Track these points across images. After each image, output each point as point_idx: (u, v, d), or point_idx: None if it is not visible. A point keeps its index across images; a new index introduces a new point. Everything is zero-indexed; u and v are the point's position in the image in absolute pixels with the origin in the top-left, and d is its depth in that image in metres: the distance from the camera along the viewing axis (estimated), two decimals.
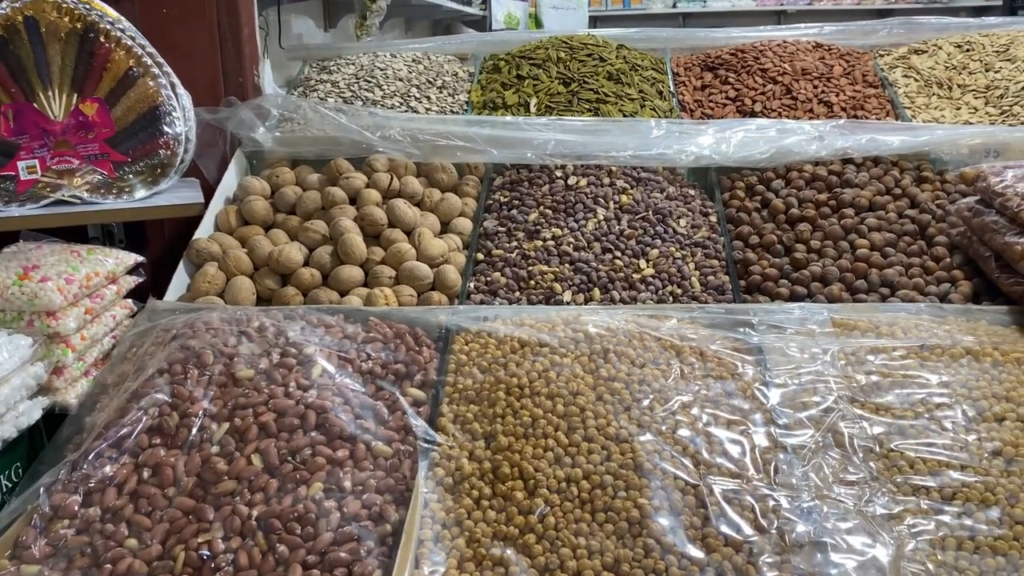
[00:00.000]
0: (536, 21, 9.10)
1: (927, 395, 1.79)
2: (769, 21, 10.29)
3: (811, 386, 1.83)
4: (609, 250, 2.39)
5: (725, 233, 2.52)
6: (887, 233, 2.39)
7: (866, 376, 1.85)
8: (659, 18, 10.48)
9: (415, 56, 3.39)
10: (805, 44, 3.28)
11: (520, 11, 9.10)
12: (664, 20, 10.44)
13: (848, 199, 2.50)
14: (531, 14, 9.08)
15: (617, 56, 3.20)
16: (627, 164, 2.68)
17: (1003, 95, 3.03)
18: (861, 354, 1.91)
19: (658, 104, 3.08)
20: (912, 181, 2.60)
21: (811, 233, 2.42)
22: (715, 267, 2.39)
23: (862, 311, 2.07)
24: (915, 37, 3.43)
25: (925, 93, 3.15)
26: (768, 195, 2.59)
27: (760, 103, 3.05)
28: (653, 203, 2.54)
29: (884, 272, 2.26)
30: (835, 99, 3.03)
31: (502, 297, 2.33)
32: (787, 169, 2.67)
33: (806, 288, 2.27)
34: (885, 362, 1.88)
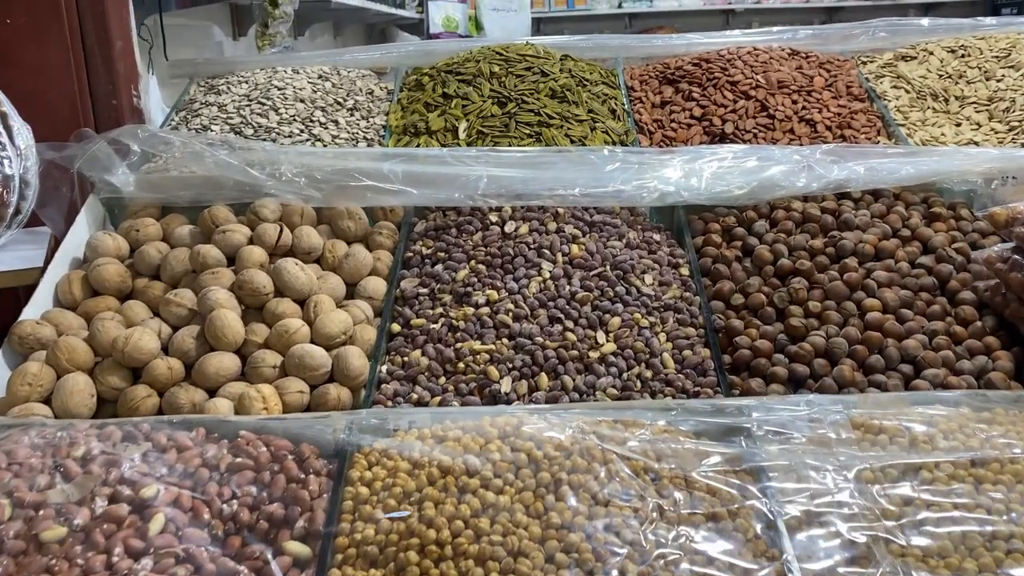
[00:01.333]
0: (476, 24, 8.57)
1: (990, 535, 1.32)
2: (717, 21, 9.95)
3: (833, 525, 1.35)
4: (558, 319, 1.88)
5: (701, 291, 2.03)
6: (901, 289, 1.93)
7: (904, 508, 1.37)
8: (604, 19, 10.06)
9: (322, 71, 2.84)
10: (779, 51, 2.82)
11: (459, 14, 8.56)
12: (610, 21, 10.03)
13: (849, 245, 2.03)
14: (471, 16, 8.55)
15: (562, 69, 2.70)
16: (577, 204, 2.18)
17: (1009, 108, 2.61)
18: (895, 472, 1.43)
19: (611, 126, 2.59)
20: (921, 219, 2.15)
21: (808, 291, 1.94)
22: (691, 338, 1.90)
23: (887, 405, 1.60)
24: (901, 41, 3.00)
25: (919, 107, 2.71)
26: (750, 240, 2.11)
27: (731, 123, 2.57)
28: (611, 254, 2.04)
29: (904, 344, 1.79)
30: (818, 116, 2.58)
31: (423, 386, 1.81)
32: (771, 207, 2.19)
33: (808, 367, 1.79)
34: (928, 487, 1.40)
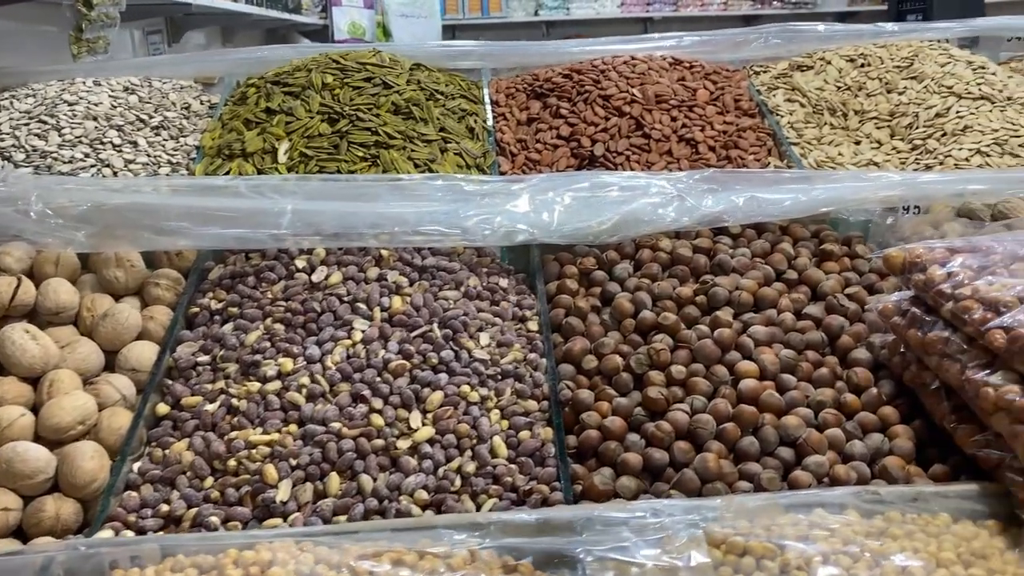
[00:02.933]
0: (384, 31, 8.15)
1: None
2: (635, 29, 9.75)
3: None
4: (363, 399, 1.49)
5: (549, 351, 1.67)
6: (783, 348, 1.60)
7: None
8: (521, 27, 9.76)
9: (130, 83, 2.40)
10: (661, 61, 2.49)
11: (366, 20, 8.14)
12: (526, 29, 9.73)
13: (723, 294, 1.69)
14: (379, 23, 8.12)
15: (410, 80, 2.32)
16: (407, 244, 1.80)
17: (912, 124, 2.33)
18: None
19: (467, 146, 2.22)
20: (811, 257, 1.83)
21: (673, 352, 1.60)
22: (532, 414, 1.54)
23: (755, 512, 1.25)
24: (797, 49, 2.70)
25: (815, 122, 2.42)
26: (611, 287, 1.76)
27: (602, 143, 2.23)
28: (441, 308, 1.66)
29: (784, 422, 1.45)
30: (700, 135, 2.25)
31: (183, 493, 1.40)
32: (637, 246, 1.85)
33: (667, 453, 1.44)
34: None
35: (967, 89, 2.35)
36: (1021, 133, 2.21)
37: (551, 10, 10.05)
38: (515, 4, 10.12)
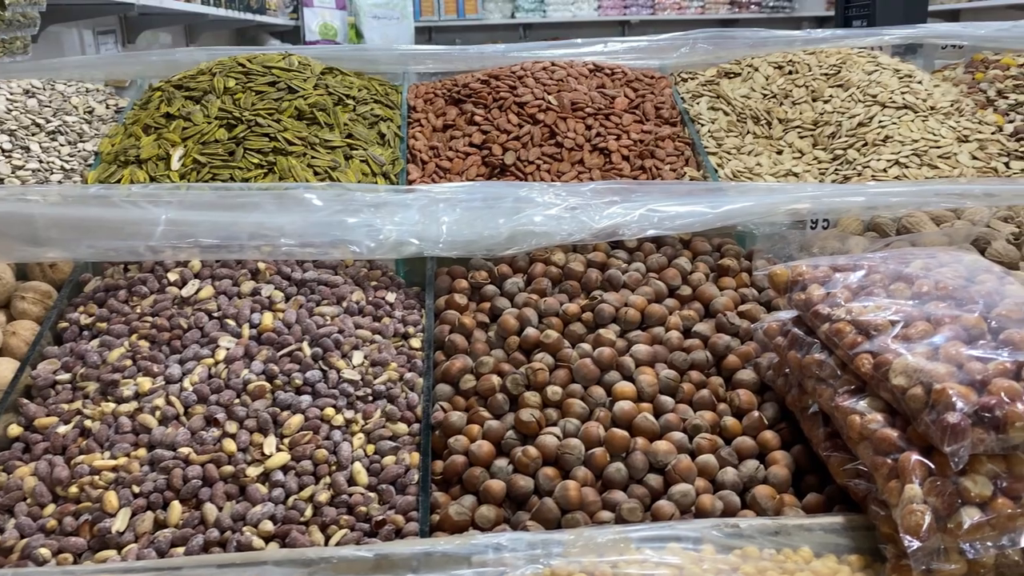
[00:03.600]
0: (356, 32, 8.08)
1: None
2: (613, 32, 9.70)
3: None
4: (216, 423, 1.42)
5: (429, 371, 1.60)
6: (666, 368, 1.54)
7: None
8: (498, 29, 9.70)
9: (31, 86, 2.32)
10: (581, 68, 2.42)
11: (338, 21, 8.06)
12: (503, 31, 9.68)
13: (609, 311, 1.63)
14: (351, 24, 8.04)
15: (318, 85, 2.25)
16: (289, 257, 1.73)
17: (835, 133, 2.27)
18: None
19: (375, 153, 2.15)
20: (709, 273, 1.77)
21: (553, 371, 1.53)
22: (401, 437, 1.47)
23: (604, 548, 1.19)
24: (728, 55, 2.65)
25: (737, 131, 2.36)
26: (500, 302, 1.70)
27: (513, 152, 2.16)
28: (314, 324, 1.59)
29: (654, 447, 1.39)
30: (614, 145, 2.19)
31: (19, 522, 1.32)
32: (532, 260, 1.78)
33: (532, 480, 1.37)
34: None
35: (891, 98, 2.29)
36: (942, 144, 2.16)
37: (528, 12, 10.01)
38: (492, 6, 10.07)
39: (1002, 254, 1.63)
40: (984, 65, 2.59)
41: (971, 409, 1.07)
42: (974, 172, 2.11)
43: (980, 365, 1.12)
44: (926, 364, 1.14)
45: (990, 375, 1.11)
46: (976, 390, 1.10)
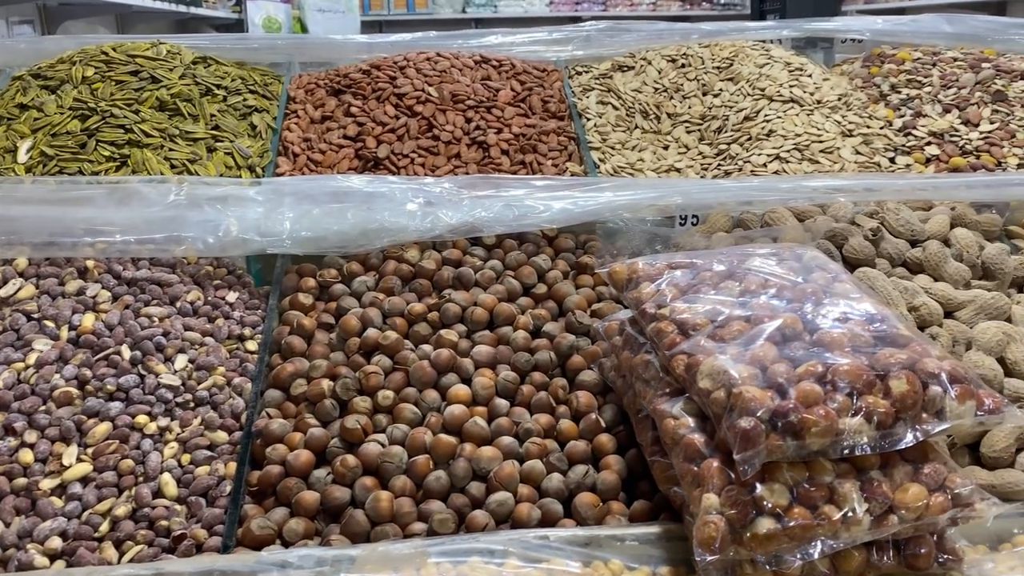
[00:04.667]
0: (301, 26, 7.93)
1: None
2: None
3: None
4: (14, 431, 1.33)
5: (259, 375, 1.52)
6: (507, 370, 1.47)
7: None
8: (448, 23, 9.61)
9: None
10: (466, 59, 2.35)
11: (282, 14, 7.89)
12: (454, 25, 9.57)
13: (455, 310, 1.56)
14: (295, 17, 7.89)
15: (185, 75, 2.15)
16: (124, 254, 1.64)
17: (721, 128, 2.22)
18: None
19: (244, 146, 2.06)
20: (567, 272, 1.71)
21: (387, 376, 1.46)
22: (220, 447, 1.39)
23: (399, 563, 1.12)
24: (625, 48, 2.59)
25: (625, 126, 2.30)
26: (348, 302, 1.62)
27: (387, 145, 2.09)
28: (138, 326, 1.50)
29: (479, 453, 1.32)
30: (494, 138, 2.12)
31: None
32: (385, 258, 1.71)
33: (349, 491, 1.30)
34: None
35: (778, 92, 2.25)
36: (824, 138, 2.12)
37: (479, 7, 9.94)
38: (442, 0, 9.98)
39: (858, 251, 1.59)
40: (881, 59, 2.57)
41: (766, 414, 1.01)
42: (856, 167, 2.08)
43: (784, 368, 1.07)
44: (731, 366, 1.08)
45: (793, 378, 1.06)
46: (776, 394, 1.04)
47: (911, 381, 1.05)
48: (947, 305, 1.50)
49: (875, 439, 1.02)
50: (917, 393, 1.04)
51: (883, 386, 1.05)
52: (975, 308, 1.49)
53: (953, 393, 1.05)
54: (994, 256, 1.61)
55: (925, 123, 2.25)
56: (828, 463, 1.04)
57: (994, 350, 1.39)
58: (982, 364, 1.36)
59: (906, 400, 1.04)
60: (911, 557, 1.07)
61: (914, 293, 1.49)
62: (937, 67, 2.47)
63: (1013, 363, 1.39)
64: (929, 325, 1.46)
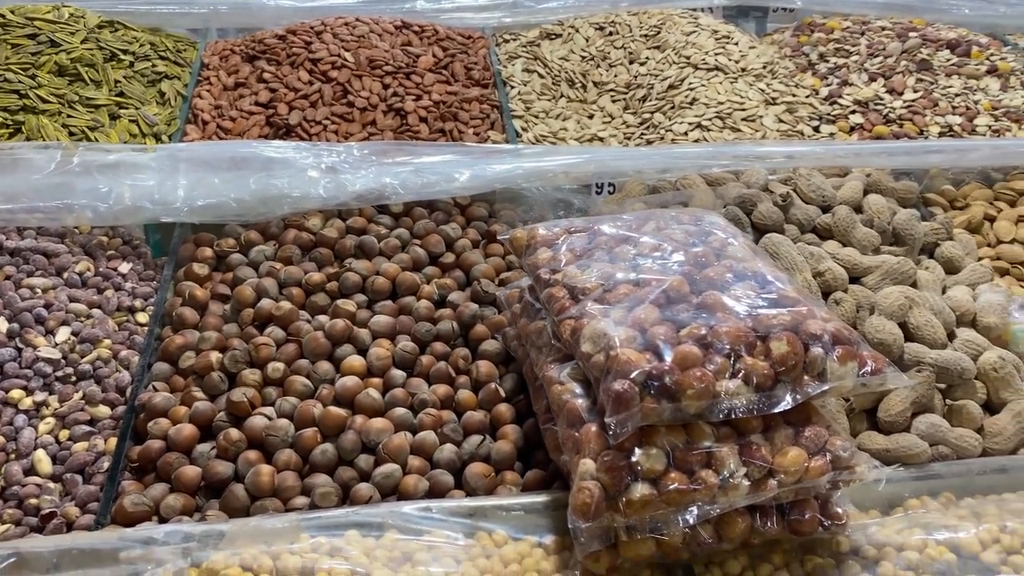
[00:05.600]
0: None
1: None
2: None
3: None
4: None
5: (148, 348, 1.46)
6: (405, 340, 1.43)
7: None
8: None
9: None
10: (387, 24, 2.28)
11: None
12: None
13: (355, 279, 1.51)
14: None
15: (88, 39, 2.06)
16: (9, 224, 1.56)
17: (646, 96, 2.19)
18: None
19: (150, 113, 1.98)
20: (478, 241, 1.66)
21: (279, 347, 1.41)
22: (101, 422, 1.33)
23: (273, 536, 1.07)
24: (553, 15, 2.53)
25: (551, 94, 2.25)
26: (244, 272, 1.56)
27: (299, 112, 2.02)
28: (18, 298, 1.43)
29: (368, 425, 1.28)
30: (412, 105, 2.06)
31: None
32: (285, 225, 1.65)
33: (233, 464, 1.25)
34: None
35: (704, 59, 2.22)
36: (747, 106, 2.10)
37: None
38: None
39: (766, 216, 1.56)
40: (811, 28, 2.55)
41: (640, 377, 0.98)
42: (778, 135, 2.06)
43: (665, 330, 1.04)
44: (611, 329, 1.05)
45: (672, 340, 1.03)
46: (654, 356, 1.01)
47: (792, 342, 1.02)
48: (853, 270, 1.48)
49: (754, 401, 1.00)
50: (798, 354, 1.02)
51: (764, 347, 1.03)
52: (881, 273, 1.47)
53: (835, 354, 1.03)
54: (904, 222, 1.60)
55: (851, 92, 2.23)
56: (707, 427, 1.02)
57: (896, 314, 1.38)
58: (882, 328, 1.34)
59: (786, 361, 1.01)
60: (795, 522, 1.05)
61: (819, 258, 1.48)
62: (865, 36, 2.45)
63: (915, 328, 1.38)
64: (834, 290, 1.44)
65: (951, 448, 1.24)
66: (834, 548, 1.08)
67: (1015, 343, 1.43)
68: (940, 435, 1.25)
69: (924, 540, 1.07)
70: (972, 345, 1.36)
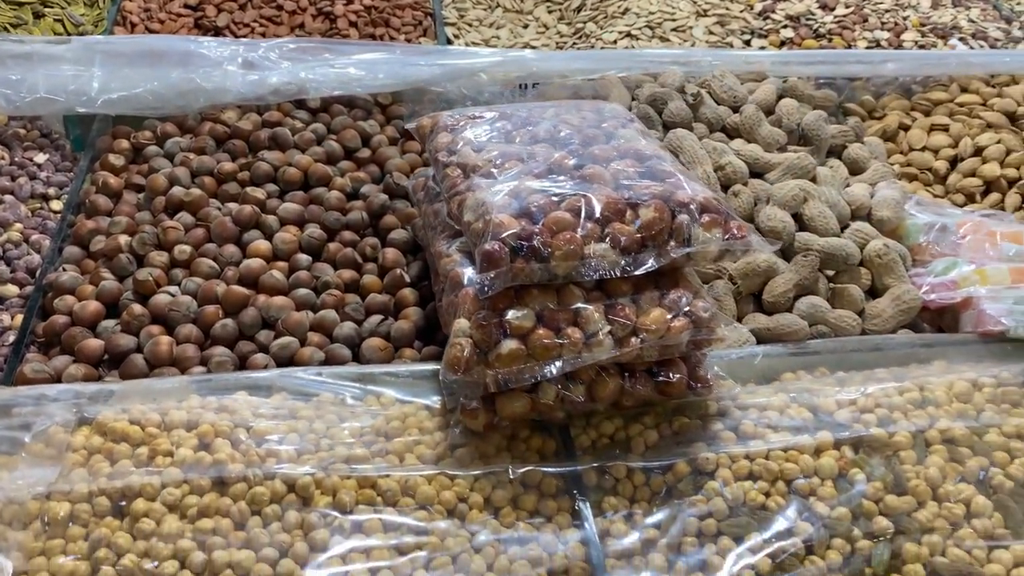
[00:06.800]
0: None
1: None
2: None
3: None
4: None
5: (61, 232, 1.47)
6: (313, 228, 1.45)
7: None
8: None
9: None
10: None
11: None
12: None
13: (266, 169, 1.53)
14: None
15: None
16: None
17: (580, 7, 2.19)
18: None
19: (76, 13, 1.96)
20: (396, 138, 1.68)
21: (187, 232, 1.43)
22: (9, 299, 1.35)
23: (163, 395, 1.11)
24: None
25: (487, 3, 2.25)
26: (157, 163, 1.57)
27: (228, 14, 2.00)
28: None
29: (269, 302, 1.31)
30: (342, 9, 2.05)
31: None
32: (203, 119, 1.66)
33: (135, 338, 1.28)
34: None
35: None
36: (677, 16, 2.11)
37: None
38: None
39: (675, 114, 1.59)
40: None
41: (511, 239, 1.02)
42: (707, 47, 2.07)
43: (541, 198, 1.07)
44: (491, 198, 1.08)
45: (547, 207, 1.06)
46: (529, 221, 1.05)
47: (659, 209, 1.06)
48: (754, 165, 1.52)
49: (620, 263, 1.04)
50: (664, 220, 1.06)
51: (633, 214, 1.07)
52: (783, 169, 1.51)
53: (701, 221, 1.07)
54: (812, 123, 1.63)
55: (784, 7, 2.25)
56: (578, 290, 1.06)
57: (789, 205, 1.42)
58: (774, 217, 1.39)
59: (652, 227, 1.05)
60: (664, 384, 1.10)
61: (722, 153, 1.51)
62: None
63: (809, 219, 1.42)
64: (734, 183, 1.48)
65: (830, 327, 1.30)
66: (703, 410, 1.13)
67: (908, 236, 1.49)
68: (820, 315, 1.30)
69: (786, 402, 1.12)
70: (860, 234, 1.40)
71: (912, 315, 1.33)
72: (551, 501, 1.06)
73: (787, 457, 1.05)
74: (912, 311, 1.33)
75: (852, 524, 0.98)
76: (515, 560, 0.98)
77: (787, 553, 0.96)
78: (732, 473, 1.04)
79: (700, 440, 1.09)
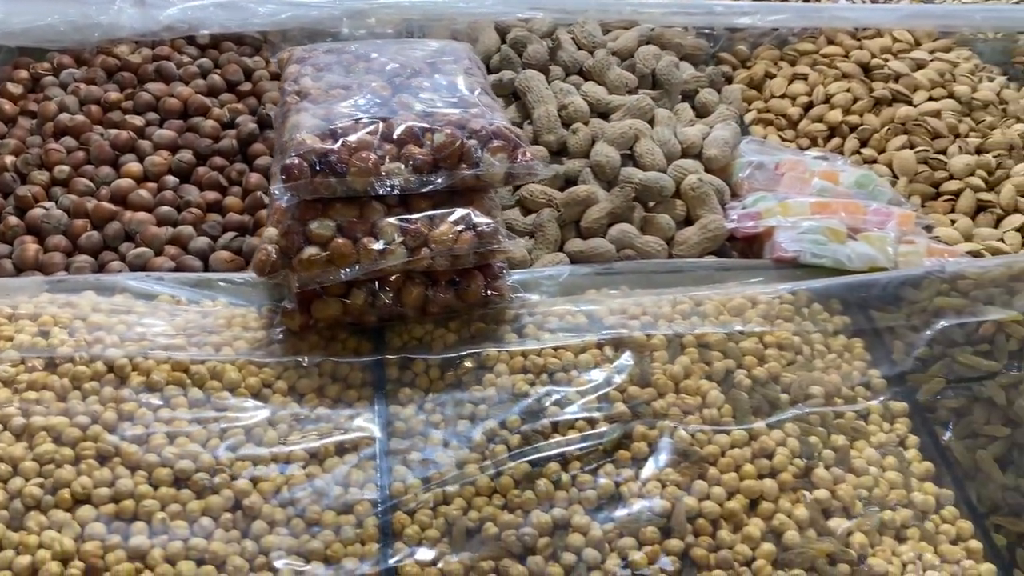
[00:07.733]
0: None
1: None
2: None
3: None
4: None
5: None
6: (185, 152, 1.58)
7: None
8: None
9: None
10: None
11: None
12: None
13: (147, 99, 1.65)
14: None
15: None
16: None
17: None
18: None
19: None
20: (276, 72, 1.80)
21: (70, 154, 1.56)
22: None
23: (14, 293, 1.25)
24: None
25: None
26: (52, 92, 1.70)
27: None
28: None
29: (133, 217, 1.45)
30: None
31: None
32: (98, 52, 1.77)
33: (10, 246, 1.42)
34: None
35: None
36: None
37: None
38: None
39: (532, 56, 1.71)
40: None
41: (311, 155, 1.15)
42: None
43: (347, 121, 1.20)
44: (304, 120, 1.21)
45: (350, 130, 1.19)
46: (332, 141, 1.18)
47: (451, 135, 1.19)
48: (597, 106, 1.64)
49: (412, 181, 1.18)
50: (455, 144, 1.19)
51: (429, 138, 1.20)
52: (624, 111, 1.64)
53: (489, 146, 1.20)
54: (663, 68, 1.75)
55: None
56: (379, 206, 1.20)
57: (618, 142, 1.55)
58: (601, 152, 1.52)
59: (443, 150, 1.19)
60: (462, 291, 1.24)
61: (567, 93, 1.63)
62: None
63: (639, 155, 1.55)
64: (575, 122, 1.60)
65: (637, 251, 1.44)
66: (500, 317, 1.28)
67: (735, 173, 1.61)
68: (628, 240, 1.44)
69: (568, 309, 1.27)
70: (680, 169, 1.53)
71: (718, 243, 1.47)
72: (352, 391, 1.21)
73: (555, 355, 1.19)
74: (717, 239, 1.47)
75: (596, 410, 1.13)
76: (307, 434, 1.13)
77: (534, 431, 1.11)
78: (508, 367, 1.19)
79: (489, 340, 1.23)
